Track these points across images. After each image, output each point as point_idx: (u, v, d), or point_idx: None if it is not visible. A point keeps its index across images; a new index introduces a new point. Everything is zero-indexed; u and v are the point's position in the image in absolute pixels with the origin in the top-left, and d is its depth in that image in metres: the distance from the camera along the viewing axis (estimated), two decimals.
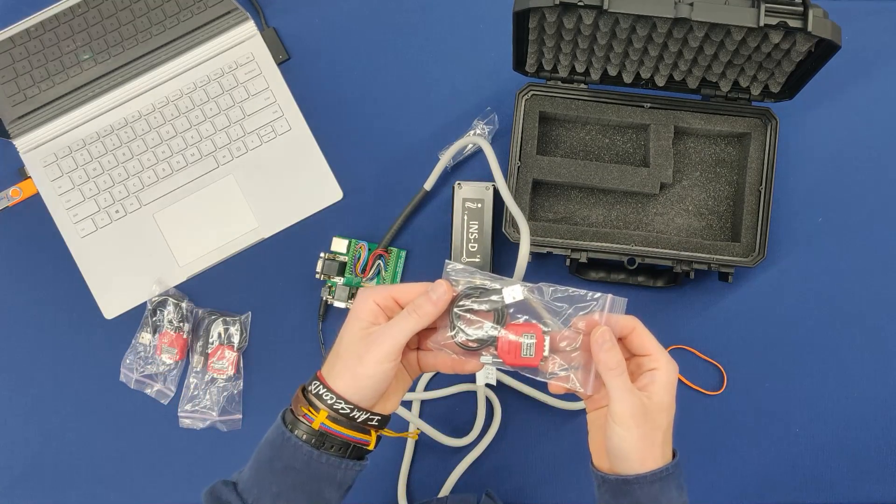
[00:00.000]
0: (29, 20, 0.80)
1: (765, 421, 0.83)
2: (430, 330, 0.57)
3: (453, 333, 0.56)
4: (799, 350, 0.83)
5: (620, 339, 0.56)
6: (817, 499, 0.82)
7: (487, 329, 0.55)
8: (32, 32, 0.82)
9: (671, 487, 0.56)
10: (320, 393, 0.54)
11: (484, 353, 0.56)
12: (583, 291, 0.56)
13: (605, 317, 0.56)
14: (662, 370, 0.56)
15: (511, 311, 0.56)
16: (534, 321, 0.56)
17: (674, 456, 0.57)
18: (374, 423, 0.56)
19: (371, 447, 0.57)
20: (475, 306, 0.56)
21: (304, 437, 0.54)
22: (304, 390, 0.56)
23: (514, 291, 0.56)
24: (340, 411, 0.54)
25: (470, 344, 0.55)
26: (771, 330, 0.83)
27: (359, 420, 0.55)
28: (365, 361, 0.53)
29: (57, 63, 0.85)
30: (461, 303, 0.56)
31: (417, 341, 0.59)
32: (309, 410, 0.54)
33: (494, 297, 0.56)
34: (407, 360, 0.59)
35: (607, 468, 0.57)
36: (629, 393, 0.54)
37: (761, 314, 0.84)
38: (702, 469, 0.82)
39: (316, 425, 0.54)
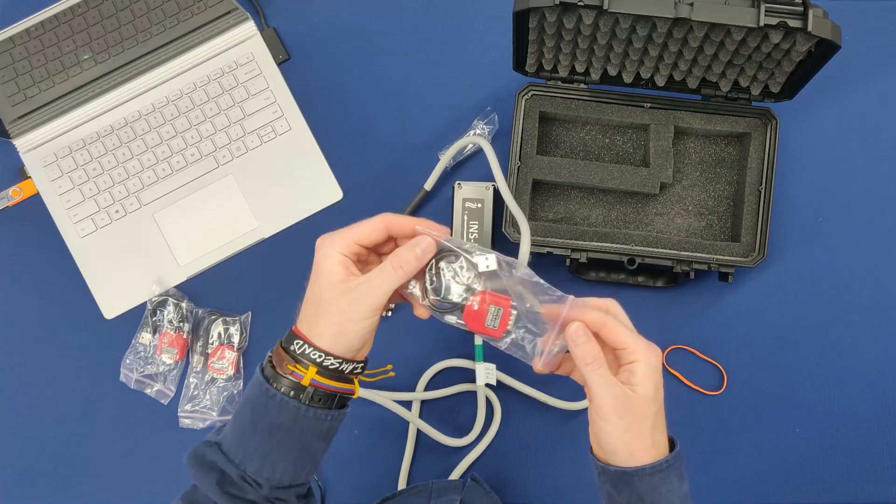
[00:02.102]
0: (29, 20, 0.80)
1: (765, 421, 0.83)
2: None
3: (426, 292, 0.56)
4: (799, 350, 0.83)
5: (596, 335, 0.56)
6: (817, 499, 0.82)
7: (459, 292, 0.56)
8: (32, 32, 0.82)
9: (672, 478, 0.55)
10: (306, 352, 0.53)
11: (450, 314, 0.56)
12: (548, 285, 0.56)
13: (575, 312, 0.56)
14: (641, 360, 0.55)
15: (484, 280, 0.56)
16: (507, 295, 0.56)
17: (673, 445, 0.57)
18: (357, 371, 0.56)
19: (355, 395, 0.57)
20: (448, 269, 0.56)
21: (292, 393, 0.53)
22: (286, 349, 0.54)
23: (488, 260, 0.56)
24: (329, 367, 0.54)
25: (439, 304, 0.56)
26: (771, 330, 0.83)
27: (346, 372, 0.54)
28: (351, 318, 0.53)
29: (57, 63, 0.85)
30: (439, 263, 0.56)
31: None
32: (296, 367, 0.53)
33: (467, 262, 0.56)
34: None
35: (605, 458, 0.57)
36: (609, 386, 0.54)
37: (761, 314, 0.84)
38: (702, 469, 0.82)
39: (305, 381, 0.53)
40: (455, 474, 0.82)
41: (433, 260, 0.56)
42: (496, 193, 0.82)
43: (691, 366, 0.83)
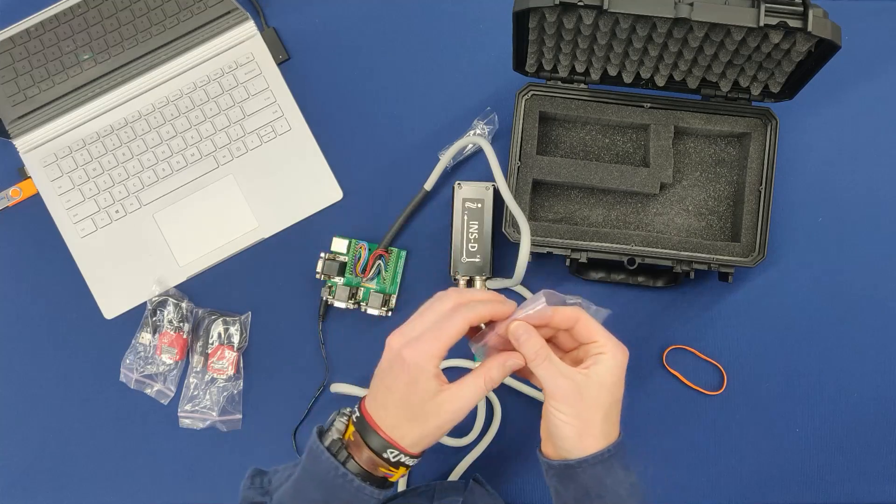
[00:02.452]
0: (29, 20, 0.80)
1: (765, 421, 0.83)
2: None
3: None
4: (799, 350, 0.83)
5: (567, 331, 0.57)
6: (817, 499, 0.82)
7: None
8: (32, 32, 0.82)
9: (615, 468, 0.56)
10: (402, 460, 0.55)
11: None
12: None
13: (547, 311, 0.56)
14: (609, 353, 0.56)
15: None
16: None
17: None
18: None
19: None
20: None
21: (365, 479, 0.55)
22: (379, 454, 0.55)
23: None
24: (410, 465, 0.56)
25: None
26: (771, 330, 0.83)
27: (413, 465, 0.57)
28: (445, 429, 0.55)
29: (57, 63, 0.85)
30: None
31: None
32: (388, 469, 0.55)
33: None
34: None
35: (552, 454, 0.58)
36: (560, 374, 0.55)
37: (761, 314, 0.84)
38: (702, 469, 0.82)
39: (395, 478, 0.56)
40: (455, 474, 0.82)
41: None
42: (496, 193, 0.82)
43: (691, 366, 0.83)
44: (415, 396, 0.54)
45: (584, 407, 0.55)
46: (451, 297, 0.57)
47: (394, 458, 0.55)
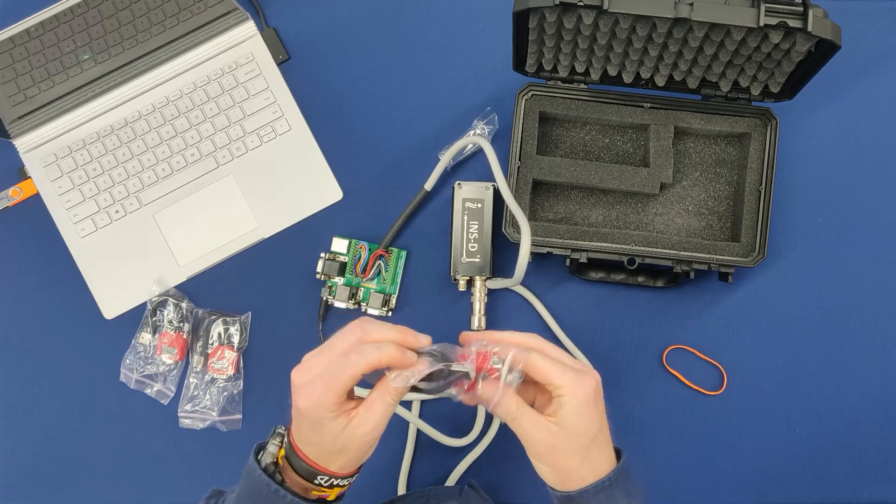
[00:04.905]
0: (29, 20, 0.80)
1: (765, 421, 0.83)
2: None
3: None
4: (799, 350, 0.83)
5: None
6: (817, 499, 0.82)
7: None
8: (32, 32, 0.82)
9: (616, 496, 0.55)
10: (334, 483, 0.56)
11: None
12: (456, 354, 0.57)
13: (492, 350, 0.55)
14: (568, 394, 0.54)
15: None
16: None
17: (619, 459, 0.57)
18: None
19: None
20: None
21: (299, 491, 0.56)
22: (310, 480, 0.55)
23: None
24: (345, 486, 0.58)
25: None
26: (771, 330, 0.83)
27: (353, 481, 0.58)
28: (366, 451, 0.56)
29: (57, 63, 0.85)
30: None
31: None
32: (322, 490, 0.56)
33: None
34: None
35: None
36: (533, 431, 0.55)
37: (761, 314, 0.84)
38: (702, 469, 0.82)
39: (332, 497, 0.57)
40: (455, 474, 0.82)
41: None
42: (496, 193, 0.82)
43: (691, 366, 0.83)
44: (324, 438, 0.54)
45: (559, 457, 0.55)
46: (353, 334, 0.54)
47: (325, 482, 0.56)
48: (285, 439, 0.57)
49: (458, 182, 0.82)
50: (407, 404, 0.83)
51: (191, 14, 0.86)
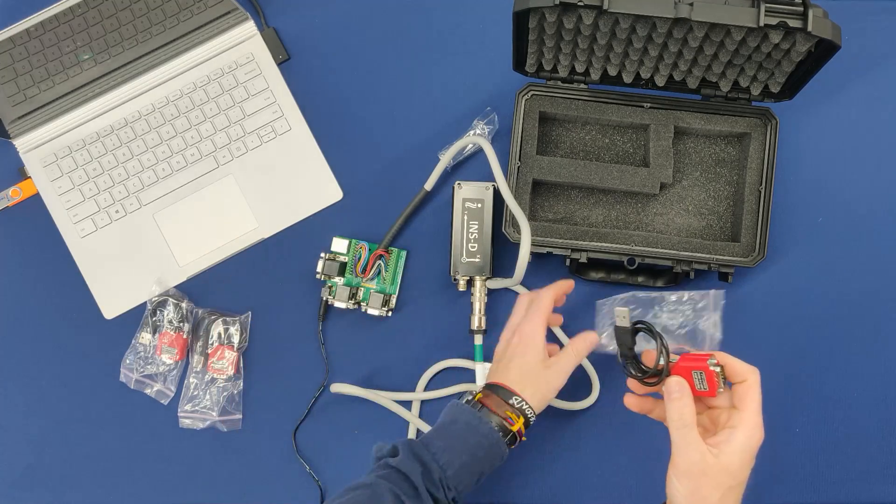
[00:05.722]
0: (29, 20, 0.80)
1: (765, 421, 0.82)
2: None
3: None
4: (799, 350, 0.83)
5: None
6: (817, 499, 0.81)
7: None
8: (32, 32, 0.82)
9: None
10: (524, 408, 0.67)
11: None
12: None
13: (726, 358, 0.59)
14: (744, 432, 0.55)
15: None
16: (704, 353, 0.60)
17: None
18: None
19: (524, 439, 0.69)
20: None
21: (497, 427, 0.65)
22: (506, 400, 0.67)
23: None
24: (530, 420, 0.67)
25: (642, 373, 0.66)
26: (771, 330, 0.83)
27: (532, 422, 0.68)
28: (553, 390, 0.69)
29: (57, 63, 0.85)
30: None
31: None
32: (512, 416, 0.66)
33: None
34: None
35: None
36: (690, 448, 0.55)
37: (761, 314, 0.84)
38: None
39: (515, 428, 0.66)
40: None
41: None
42: (496, 193, 0.82)
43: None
44: (533, 364, 0.68)
45: (703, 484, 0.55)
46: (526, 294, 0.76)
47: (517, 404, 0.66)
48: (480, 390, 0.69)
49: (458, 182, 0.82)
50: (407, 405, 0.83)
51: (191, 14, 0.86)
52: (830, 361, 0.83)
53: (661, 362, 0.61)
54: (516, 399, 0.66)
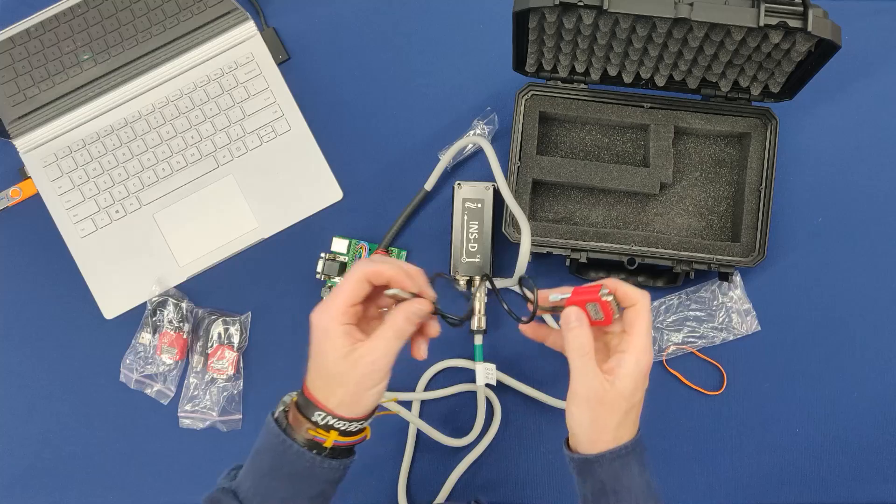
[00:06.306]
0: (29, 20, 0.80)
1: (764, 421, 0.83)
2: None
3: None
4: (798, 350, 0.83)
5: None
6: (817, 499, 0.82)
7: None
8: (32, 32, 0.82)
9: (632, 465, 0.57)
10: (329, 422, 0.56)
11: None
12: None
13: (617, 284, 0.58)
14: (632, 357, 0.56)
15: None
16: (595, 285, 0.58)
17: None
18: (369, 422, 0.59)
19: (367, 437, 0.60)
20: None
21: (307, 446, 0.56)
22: (308, 417, 0.56)
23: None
24: (349, 430, 0.57)
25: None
26: (771, 330, 0.83)
27: (364, 428, 0.58)
28: (366, 386, 0.56)
29: (57, 63, 0.85)
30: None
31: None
32: (318, 432, 0.56)
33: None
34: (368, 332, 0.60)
35: (574, 447, 0.59)
36: (588, 377, 0.56)
37: (761, 314, 0.84)
38: (702, 469, 0.82)
39: (328, 444, 0.56)
40: (455, 474, 0.82)
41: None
42: (496, 193, 0.82)
43: (691, 366, 0.83)
44: (332, 364, 0.55)
45: (601, 412, 0.56)
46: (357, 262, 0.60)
47: (321, 420, 0.56)
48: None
49: (458, 182, 0.82)
50: (407, 405, 0.83)
51: (191, 14, 0.86)
52: (830, 361, 0.83)
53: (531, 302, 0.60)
54: (319, 414, 0.56)
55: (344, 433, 0.56)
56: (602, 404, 0.56)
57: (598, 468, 0.57)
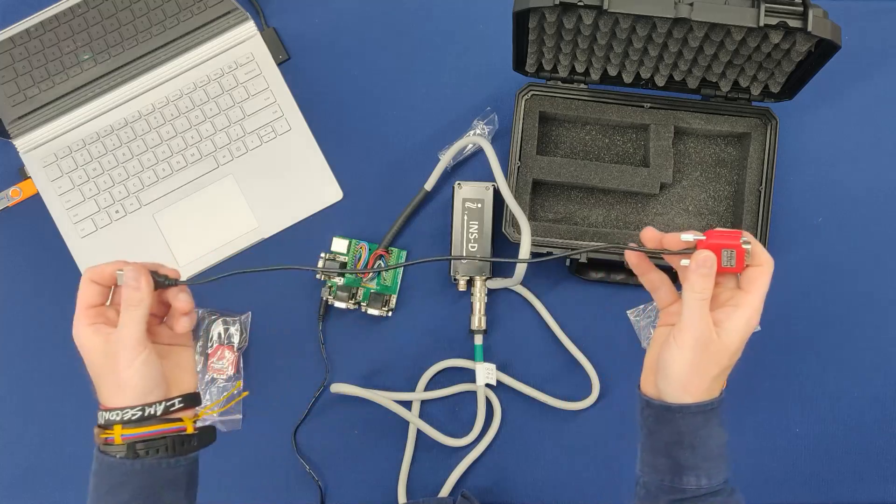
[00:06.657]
0: (29, 20, 0.80)
1: (764, 421, 0.83)
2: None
3: None
4: (798, 350, 0.83)
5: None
6: (817, 499, 0.82)
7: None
8: (32, 32, 0.82)
9: (713, 422, 0.56)
10: (109, 418, 0.56)
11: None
12: None
13: (752, 239, 0.57)
14: (745, 313, 0.55)
15: None
16: (736, 231, 0.58)
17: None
18: (177, 406, 0.58)
19: (189, 430, 0.58)
20: None
21: (119, 454, 0.55)
22: (98, 425, 0.57)
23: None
24: (133, 418, 0.55)
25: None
26: (771, 329, 0.83)
27: (159, 413, 0.56)
28: (121, 369, 0.56)
29: (57, 63, 0.85)
30: None
31: (161, 310, 0.62)
32: (105, 432, 0.56)
33: None
34: (159, 335, 0.61)
35: (653, 393, 0.58)
36: (701, 321, 0.55)
37: (761, 314, 0.83)
38: None
39: (119, 440, 0.55)
40: (455, 474, 0.82)
41: None
42: (496, 193, 0.82)
43: None
44: (93, 363, 0.57)
45: (704, 358, 0.55)
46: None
47: (102, 419, 0.56)
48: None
49: (458, 182, 0.82)
50: (407, 405, 0.83)
51: (191, 14, 0.86)
52: (830, 361, 0.83)
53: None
54: (100, 415, 0.56)
55: (131, 423, 0.55)
56: (706, 351, 0.55)
57: (679, 418, 0.55)
